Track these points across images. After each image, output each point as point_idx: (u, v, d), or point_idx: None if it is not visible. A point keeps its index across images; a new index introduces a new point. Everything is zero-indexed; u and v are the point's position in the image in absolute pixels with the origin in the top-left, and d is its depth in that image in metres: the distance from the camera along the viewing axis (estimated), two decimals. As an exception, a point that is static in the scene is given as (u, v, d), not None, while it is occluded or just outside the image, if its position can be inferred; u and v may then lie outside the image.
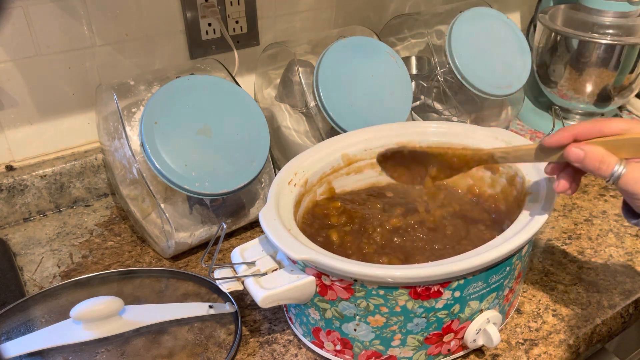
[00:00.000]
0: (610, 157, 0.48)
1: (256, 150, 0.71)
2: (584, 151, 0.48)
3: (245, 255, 0.57)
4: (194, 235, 0.72)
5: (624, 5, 0.94)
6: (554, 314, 0.64)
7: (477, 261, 0.49)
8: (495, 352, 0.59)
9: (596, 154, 0.48)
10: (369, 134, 0.71)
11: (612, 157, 0.48)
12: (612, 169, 0.48)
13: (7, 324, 0.60)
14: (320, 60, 0.78)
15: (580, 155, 0.48)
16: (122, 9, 0.81)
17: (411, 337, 0.53)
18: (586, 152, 0.48)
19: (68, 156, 0.84)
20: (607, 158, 0.48)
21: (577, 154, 0.49)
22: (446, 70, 0.92)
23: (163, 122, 0.66)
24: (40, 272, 0.72)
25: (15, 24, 0.74)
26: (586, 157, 0.48)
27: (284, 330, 0.62)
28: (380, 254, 0.58)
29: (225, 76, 0.76)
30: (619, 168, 0.47)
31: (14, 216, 0.81)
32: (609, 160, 0.48)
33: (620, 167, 0.47)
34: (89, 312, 0.55)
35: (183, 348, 0.57)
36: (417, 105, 0.97)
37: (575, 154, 0.49)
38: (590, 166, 0.48)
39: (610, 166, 0.48)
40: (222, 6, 0.87)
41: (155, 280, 0.68)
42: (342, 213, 0.65)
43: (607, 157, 0.48)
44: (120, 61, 0.84)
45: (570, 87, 0.98)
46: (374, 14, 1.06)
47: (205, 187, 0.66)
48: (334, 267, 0.49)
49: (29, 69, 0.78)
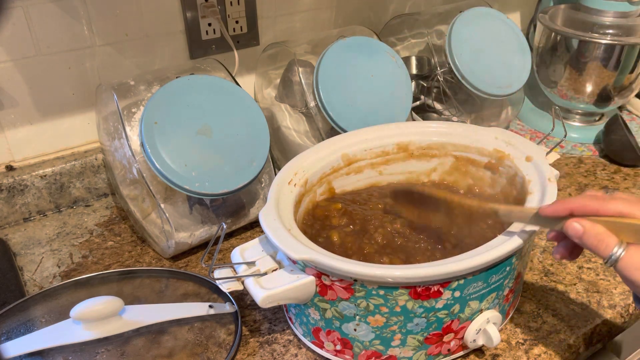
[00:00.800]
0: (610, 237, 0.46)
1: (256, 150, 0.71)
2: (583, 228, 0.47)
3: (245, 255, 0.57)
4: (194, 235, 0.72)
5: (624, 5, 0.94)
6: (554, 314, 0.63)
7: (477, 261, 0.49)
8: (495, 352, 0.59)
9: (595, 232, 0.46)
10: (369, 134, 0.71)
11: (611, 237, 0.46)
12: (611, 251, 0.46)
13: (7, 324, 0.60)
14: (320, 60, 0.79)
15: (579, 232, 0.47)
16: (122, 9, 0.81)
17: (411, 337, 0.53)
18: (585, 229, 0.47)
19: (68, 156, 0.84)
20: (607, 238, 0.46)
21: (576, 229, 0.47)
22: (446, 70, 0.92)
23: (163, 122, 0.66)
24: (40, 272, 0.72)
25: (15, 24, 0.74)
26: (585, 233, 0.47)
27: (284, 330, 0.62)
28: (382, 254, 0.58)
29: (225, 76, 0.76)
30: (618, 250, 0.46)
31: (14, 216, 0.81)
32: (608, 240, 0.46)
33: (620, 249, 0.46)
34: (89, 312, 0.55)
35: (183, 348, 0.57)
36: (417, 105, 0.97)
37: (574, 229, 0.47)
38: (589, 243, 0.47)
39: (609, 247, 0.46)
40: (222, 6, 0.87)
41: (155, 280, 0.68)
42: (343, 214, 0.64)
43: (606, 237, 0.46)
44: (120, 61, 0.84)
45: (570, 87, 0.98)
46: (374, 14, 1.06)
47: (205, 187, 0.66)
48: (333, 267, 0.49)
49: (29, 69, 0.78)
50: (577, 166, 0.94)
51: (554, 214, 0.49)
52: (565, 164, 0.95)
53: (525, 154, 0.64)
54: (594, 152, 0.98)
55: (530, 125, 1.08)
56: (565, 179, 0.90)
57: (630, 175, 0.91)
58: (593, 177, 0.91)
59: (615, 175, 0.91)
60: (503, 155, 0.66)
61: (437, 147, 0.71)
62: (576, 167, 0.94)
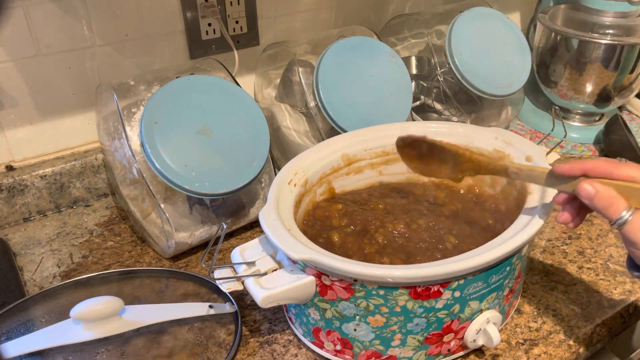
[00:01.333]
0: (620, 201, 0.47)
1: (256, 150, 0.71)
2: (595, 189, 0.47)
3: (245, 255, 0.57)
4: (194, 235, 0.72)
5: (624, 5, 0.94)
6: (554, 314, 0.63)
7: (477, 261, 0.49)
8: (495, 352, 0.59)
9: (607, 194, 0.47)
10: (369, 134, 0.71)
11: (622, 201, 0.47)
12: (620, 214, 0.46)
13: (7, 324, 0.60)
14: (320, 60, 0.78)
15: (590, 193, 0.48)
16: (122, 9, 0.81)
17: (411, 337, 0.53)
18: (597, 191, 0.47)
19: (68, 156, 0.84)
20: (617, 201, 0.47)
21: (588, 191, 0.48)
22: (446, 70, 0.92)
23: (163, 122, 0.66)
24: (40, 272, 0.72)
25: (15, 24, 0.74)
26: (596, 195, 0.47)
27: (284, 330, 0.62)
28: (382, 254, 0.58)
29: (225, 76, 0.76)
30: (627, 214, 0.46)
31: (14, 216, 0.81)
32: (617, 203, 0.47)
33: (628, 213, 0.46)
34: (89, 312, 0.55)
35: (183, 348, 0.57)
36: (417, 105, 0.96)
37: (586, 190, 0.48)
38: (599, 205, 0.47)
39: (618, 210, 0.47)
40: (222, 6, 0.87)
41: (155, 280, 0.68)
42: (344, 215, 0.64)
43: (616, 201, 0.47)
44: (120, 61, 0.84)
45: (570, 87, 0.98)
46: (374, 14, 1.06)
47: (205, 187, 0.66)
48: (333, 267, 0.49)
49: (29, 69, 0.78)
50: (577, 166, 0.94)
51: (569, 173, 0.50)
52: (565, 164, 0.94)
53: (525, 154, 0.64)
54: (594, 152, 0.98)
55: (530, 125, 1.08)
56: (565, 179, 0.90)
57: (630, 175, 0.91)
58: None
59: (615, 175, 0.91)
60: (503, 155, 0.66)
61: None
62: (576, 167, 0.94)
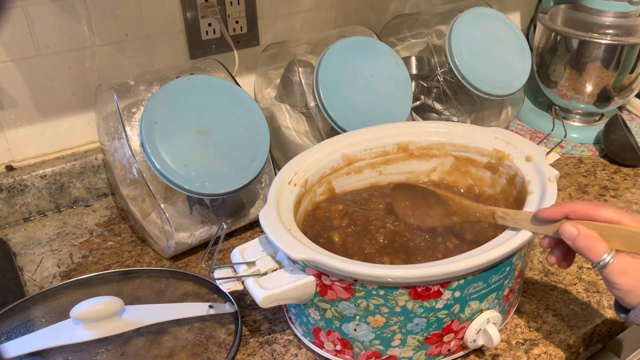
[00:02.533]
0: (601, 243, 0.48)
1: (256, 150, 0.71)
2: (577, 231, 0.49)
3: (245, 255, 0.57)
4: (194, 235, 0.72)
5: (624, 5, 0.94)
6: (554, 314, 0.63)
7: (477, 261, 0.49)
8: (495, 352, 0.59)
9: (588, 236, 0.48)
10: (369, 134, 0.71)
11: (603, 244, 0.48)
12: (601, 256, 0.48)
13: (7, 324, 0.60)
14: (320, 60, 0.78)
15: (573, 234, 0.49)
16: (122, 9, 0.81)
17: (411, 337, 0.53)
18: (580, 232, 0.49)
19: (68, 156, 0.84)
20: (598, 244, 0.48)
21: (571, 232, 0.49)
22: (446, 70, 0.92)
23: (163, 122, 0.66)
24: (40, 272, 0.72)
25: (15, 24, 0.74)
26: (578, 237, 0.49)
27: (284, 330, 0.62)
28: (382, 254, 0.58)
29: (225, 76, 0.76)
30: (607, 257, 0.48)
31: (14, 216, 0.81)
32: (598, 246, 0.48)
33: (609, 256, 0.48)
34: (89, 312, 0.55)
35: (183, 348, 0.57)
36: (417, 105, 0.97)
37: (569, 231, 0.49)
38: (581, 246, 0.49)
39: (599, 253, 0.48)
40: (222, 6, 0.87)
41: (155, 280, 0.68)
42: (344, 215, 0.64)
43: (598, 243, 0.48)
44: (120, 61, 0.84)
45: (570, 87, 0.98)
46: (374, 14, 1.06)
47: (205, 187, 0.66)
48: (333, 267, 0.49)
49: (29, 69, 0.78)
50: (577, 166, 0.94)
51: (550, 217, 0.51)
52: (565, 164, 0.95)
53: (525, 154, 0.64)
54: (594, 152, 0.98)
55: (530, 125, 1.08)
56: (565, 179, 0.90)
57: (630, 175, 0.91)
58: (593, 177, 0.91)
59: (615, 175, 0.91)
60: (503, 155, 0.66)
61: (437, 147, 0.71)
62: (576, 167, 0.94)
